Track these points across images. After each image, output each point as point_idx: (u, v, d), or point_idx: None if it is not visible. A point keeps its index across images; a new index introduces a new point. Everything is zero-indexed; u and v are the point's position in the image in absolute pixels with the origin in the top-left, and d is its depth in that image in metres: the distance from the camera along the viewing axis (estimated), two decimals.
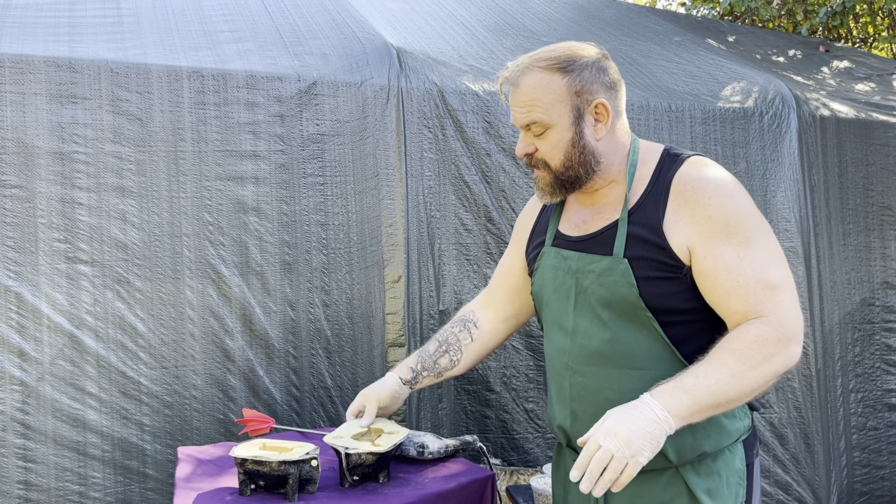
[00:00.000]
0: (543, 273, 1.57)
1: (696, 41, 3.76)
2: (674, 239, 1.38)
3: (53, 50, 2.25)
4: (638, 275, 1.39)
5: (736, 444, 1.45)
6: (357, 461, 1.62)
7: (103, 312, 2.21)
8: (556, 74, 1.44)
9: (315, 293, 2.43)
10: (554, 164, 1.46)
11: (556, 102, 1.43)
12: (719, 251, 1.36)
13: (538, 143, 1.46)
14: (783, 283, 1.37)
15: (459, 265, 2.61)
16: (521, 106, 1.46)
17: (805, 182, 3.00)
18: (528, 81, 1.45)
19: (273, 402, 2.37)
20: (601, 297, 1.43)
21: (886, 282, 3.18)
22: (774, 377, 1.33)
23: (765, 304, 1.34)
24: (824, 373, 3.01)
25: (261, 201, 2.39)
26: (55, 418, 2.15)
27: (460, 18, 3.29)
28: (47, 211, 2.17)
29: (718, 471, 1.41)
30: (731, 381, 1.29)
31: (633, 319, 1.41)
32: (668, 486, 1.42)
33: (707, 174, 1.41)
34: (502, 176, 2.65)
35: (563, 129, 1.44)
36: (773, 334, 1.32)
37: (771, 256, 1.38)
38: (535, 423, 2.66)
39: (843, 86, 3.60)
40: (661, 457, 1.40)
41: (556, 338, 1.53)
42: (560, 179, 1.47)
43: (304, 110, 2.45)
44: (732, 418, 1.43)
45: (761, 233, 1.39)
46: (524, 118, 1.46)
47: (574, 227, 1.54)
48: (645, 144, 1.51)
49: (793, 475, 2.93)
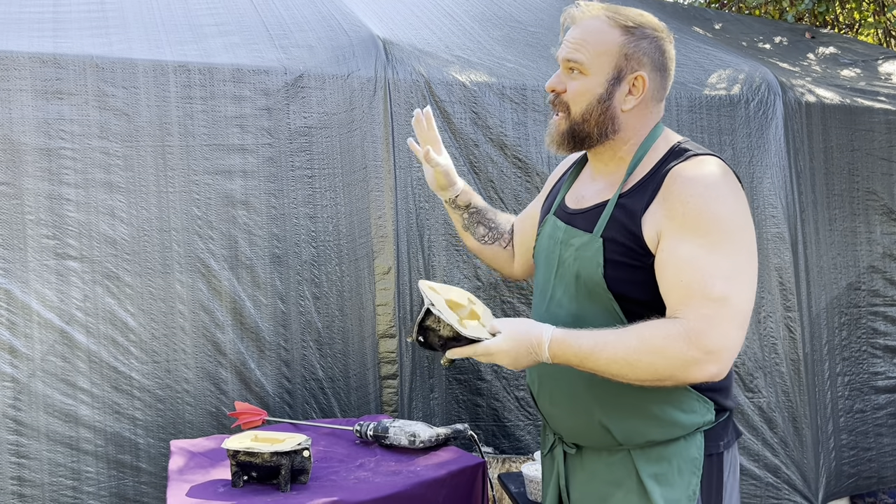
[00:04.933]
0: (541, 240, 1.60)
1: (683, 29, 3.77)
2: (647, 229, 1.37)
3: (38, 46, 2.24)
4: (607, 257, 1.40)
5: (694, 434, 1.42)
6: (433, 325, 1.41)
7: (93, 308, 2.21)
8: (616, 29, 1.44)
9: (305, 286, 2.44)
10: (574, 111, 1.45)
11: (603, 54, 1.43)
12: (678, 246, 1.33)
13: (569, 84, 1.46)
14: (727, 298, 1.29)
15: (449, 256, 2.62)
16: (571, 41, 1.45)
17: (791, 168, 3.02)
18: (589, 23, 1.45)
19: (265, 394, 2.38)
20: (574, 271, 1.45)
21: (872, 266, 3.21)
22: (669, 379, 1.31)
23: (694, 311, 1.29)
24: (812, 357, 3.04)
25: (249, 195, 2.39)
26: (47, 414, 2.15)
27: (447, 9, 3.29)
28: (35, 207, 2.17)
29: (669, 457, 1.41)
30: (622, 363, 1.31)
31: (597, 299, 1.42)
32: (620, 467, 1.44)
33: (702, 174, 1.37)
34: (490, 166, 2.66)
35: (597, 81, 1.43)
36: (684, 341, 1.28)
37: (727, 269, 1.31)
38: (526, 410, 2.68)
39: (828, 72, 3.62)
40: (609, 436, 1.43)
41: (538, 302, 1.57)
42: (573, 130, 1.46)
43: (292, 103, 2.45)
44: (690, 413, 1.41)
45: (731, 243, 1.33)
46: (568, 53, 1.45)
47: (575, 201, 1.55)
48: (665, 134, 1.49)
49: (781, 458, 2.96)
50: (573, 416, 1.49)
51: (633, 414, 1.41)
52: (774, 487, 2.96)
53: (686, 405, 1.41)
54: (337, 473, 1.76)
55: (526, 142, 2.70)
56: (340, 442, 2.01)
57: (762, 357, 2.95)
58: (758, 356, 2.94)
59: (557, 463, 1.55)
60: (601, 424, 1.44)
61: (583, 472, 1.50)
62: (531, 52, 3.02)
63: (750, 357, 2.92)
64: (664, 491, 1.39)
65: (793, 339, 2.98)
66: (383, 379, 2.51)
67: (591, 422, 1.45)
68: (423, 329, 1.42)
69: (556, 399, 1.51)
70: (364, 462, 1.85)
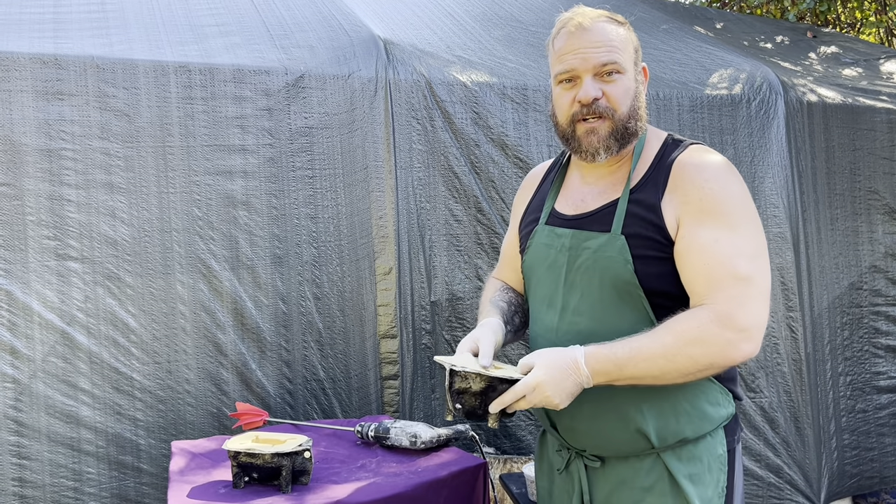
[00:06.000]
0: (535, 251, 1.56)
1: (684, 28, 3.76)
2: (667, 217, 1.39)
3: (39, 46, 2.24)
4: (634, 253, 1.39)
5: (717, 430, 1.45)
6: (462, 385, 1.36)
7: (94, 309, 2.21)
8: (621, 27, 1.48)
9: (306, 286, 2.44)
10: (621, 111, 1.44)
11: (626, 50, 1.46)
12: (699, 232, 1.36)
13: (607, 89, 1.44)
14: (752, 277, 1.34)
15: (450, 256, 2.61)
16: (596, 46, 1.43)
17: (793, 168, 3.02)
18: (602, 27, 1.45)
19: (266, 395, 2.38)
20: (595, 274, 1.43)
21: (874, 265, 3.20)
22: (710, 367, 1.33)
23: (723, 293, 1.33)
24: (814, 356, 3.04)
25: (250, 195, 2.39)
26: (48, 415, 2.15)
27: (448, 9, 3.29)
28: (36, 208, 2.17)
29: (700, 456, 1.42)
30: (661, 361, 1.31)
31: (625, 298, 1.41)
32: (651, 471, 1.43)
33: (707, 159, 1.42)
34: (491, 166, 2.65)
35: (630, 77, 1.46)
36: (717, 325, 1.30)
37: (750, 249, 1.36)
38: (528, 411, 2.68)
39: (830, 71, 3.61)
40: (644, 441, 1.41)
41: (545, 316, 1.53)
42: (619, 130, 1.45)
43: (292, 103, 2.45)
44: (716, 405, 1.44)
45: (748, 224, 1.38)
46: (602, 57, 1.42)
47: (572, 206, 1.54)
48: (651, 129, 1.53)
49: (783, 458, 2.96)
50: (603, 426, 1.45)
51: (670, 412, 1.40)
52: (776, 488, 2.95)
53: (712, 397, 1.43)
54: (338, 474, 1.76)
55: (527, 142, 2.69)
56: (342, 443, 2.01)
57: (764, 357, 2.94)
58: (759, 356, 2.93)
59: (579, 478, 1.51)
60: (637, 430, 1.42)
61: (608, 483, 1.47)
62: (532, 52, 3.02)
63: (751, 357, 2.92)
64: (699, 490, 1.40)
65: (794, 339, 2.98)
66: (384, 379, 2.50)
67: (625, 428, 1.43)
68: (457, 395, 1.36)
69: (581, 413, 1.46)
70: (365, 463, 1.84)
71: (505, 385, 1.34)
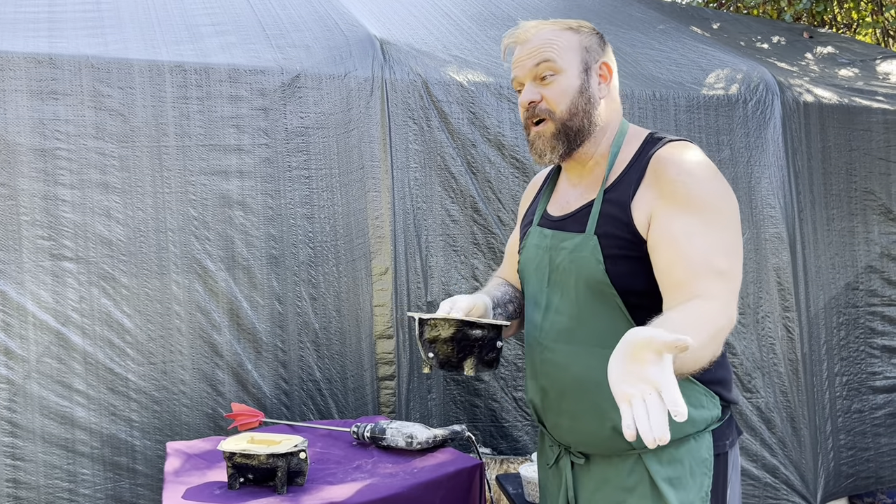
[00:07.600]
0: (528, 252, 1.59)
1: (681, 29, 3.76)
2: (637, 214, 1.37)
3: (33, 46, 2.24)
4: (606, 252, 1.39)
5: (703, 433, 1.42)
6: (432, 333, 1.32)
7: (89, 309, 2.20)
8: (566, 31, 1.48)
9: (302, 286, 2.43)
10: (559, 111, 1.45)
11: (568, 50, 1.46)
12: (672, 223, 1.33)
13: (544, 91, 1.46)
14: (729, 274, 1.30)
15: (447, 256, 2.61)
16: (531, 51, 1.46)
17: (789, 168, 3.02)
18: (540, 34, 1.48)
19: (262, 395, 2.37)
20: (571, 274, 1.44)
21: (870, 266, 3.20)
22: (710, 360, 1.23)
23: (710, 285, 1.28)
24: (810, 357, 3.04)
25: (246, 195, 2.38)
26: (43, 416, 2.14)
27: (444, 9, 3.28)
28: (30, 208, 2.16)
29: (681, 459, 1.40)
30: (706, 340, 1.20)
31: (599, 297, 1.41)
32: (632, 472, 1.42)
33: (685, 156, 1.39)
34: (488, 166, 2.65)
35: (572, 75, 1.45)
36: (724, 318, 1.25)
37: (725, 246, 1.32)
38: (524, 411, 2.68)
39: (826, 72, 3.62)
40: (623, 440, 1.41)
41: (533, 314, 1.55)
42: (563, 130, 1.45)
43: (288, 103, 2.44)
44: (699, 408, 1.41)
45: (724, 221, 1.34)
46: (535, 58, 1.46)
47: (559, 208, 1.55)
48: (633, 129, 1.53)
49: (780, 458, 2.96)
50: (583, 423, 1.46)
51: None
52: (773, 488, 2.95)
53: (694, 399, 1.41)
54: (334, 475, 1.75)
55: (523, 142, 2.69)
56: (337, 443, 2.00)
57: (760, 357, 2.94)
58: (756, 356, 2.93)
59: (565, 474, 1.53)
60: (614, 428, 1.41)
61: (592, 481, 1.48)
62: None
63: (748, 357, 2.92)
64: (678, 494, 1.38)
65: (791, 340, 2.98)
66: (381, 380, 2.50)
67: (602, 427, 1.43)
68: (429, 345, 1.35)
69: (564, 409, 1.49)
70: (361, 464, 1.84)
71: (476, 330, 1.29)
